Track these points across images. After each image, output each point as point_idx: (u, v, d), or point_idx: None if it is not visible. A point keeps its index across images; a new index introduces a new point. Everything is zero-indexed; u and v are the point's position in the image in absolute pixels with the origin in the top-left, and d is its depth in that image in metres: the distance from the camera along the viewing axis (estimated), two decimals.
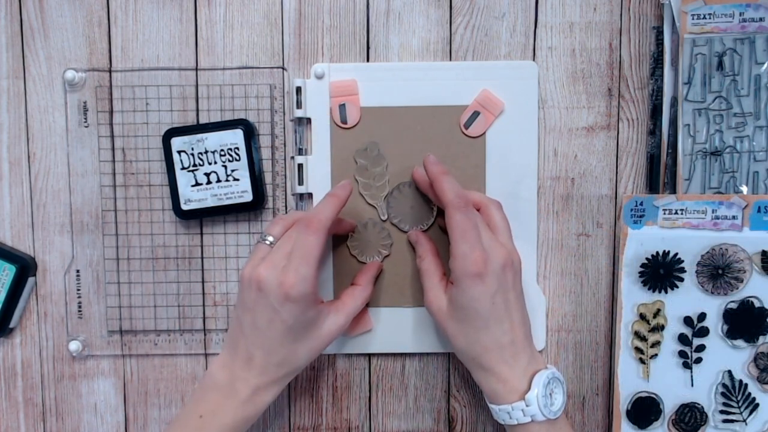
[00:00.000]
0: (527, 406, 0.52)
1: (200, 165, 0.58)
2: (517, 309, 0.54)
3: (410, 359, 0.62)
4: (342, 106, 0.60)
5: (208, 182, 0.59)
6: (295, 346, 0.53)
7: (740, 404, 0.59)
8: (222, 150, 0.58)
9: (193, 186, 0.59)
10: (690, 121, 0.58)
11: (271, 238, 0.54)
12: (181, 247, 0.61)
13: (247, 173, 0.58)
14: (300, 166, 0.60)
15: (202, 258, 0.61)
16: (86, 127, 0.60)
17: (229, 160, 0.58)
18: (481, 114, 0.59)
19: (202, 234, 0.61)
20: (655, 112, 0.60)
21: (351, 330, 0.61)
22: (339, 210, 0.54)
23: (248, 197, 0.59)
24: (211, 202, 0.59)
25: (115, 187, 0.61)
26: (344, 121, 0.60)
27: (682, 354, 0.59)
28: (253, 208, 0.59)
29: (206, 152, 0.58)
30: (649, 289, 0.59)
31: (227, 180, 0.58)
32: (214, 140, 0.58)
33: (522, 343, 0.53)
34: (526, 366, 0.53)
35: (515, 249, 0.55)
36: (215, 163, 0.58)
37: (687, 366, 0.59)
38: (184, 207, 0.59)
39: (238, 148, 0.58)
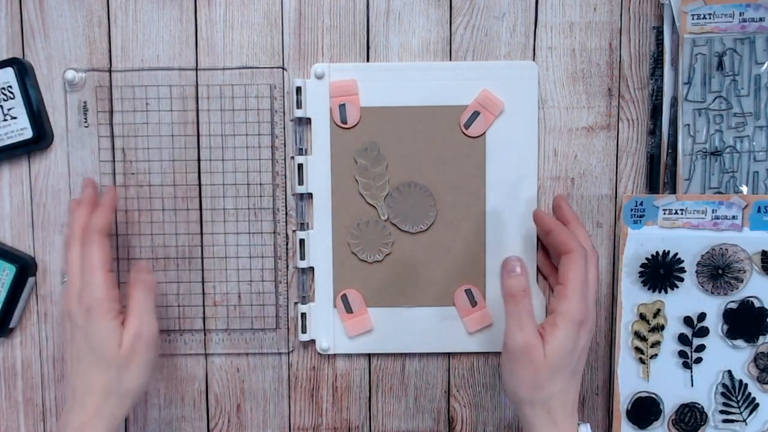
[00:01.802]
0: None
1: None
2: (581, 371, 0.54)
3: (410, 359, 0.62)
4: (342, 106, 0.60)
5: None
6: (109, 370, 0.52)
7: (740, 404, 0.59)
8: None
9: None
10: (690, 121, 0.58)
11: (65, 277, 0.55)
12: (181, 247, 0.61)
13: (24, 110, 0.59)
14: (300, 166, 0.60)
15: (202, 258, 0.61)
16: (86, 127, 0.60)
17: (4, 100, 0.58)
18: (481, 114, 0.59)
19: (202, 234, 0.61)
20: (655, 112, 0.60)
21: (351, 330, 0.61)
22: (110, 217, 0.55)
23: (28, 134, 0.59)
24: None
25: (115, 187, 0.61)
26: (344, 121, 0.60)
27: (682, 354, 0.59)
28: (37, 144, 0.59)
29: None
30: (649, 289, 0.59)
31: (5, 119, 0.58)
32: None
33: (574, 408, 0.53)
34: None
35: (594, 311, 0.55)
36: None
37: (687, 366, 0.59)
38: None
39: (11, 87, 0.58)
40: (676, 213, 0.58)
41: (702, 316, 0.59)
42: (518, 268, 0.54)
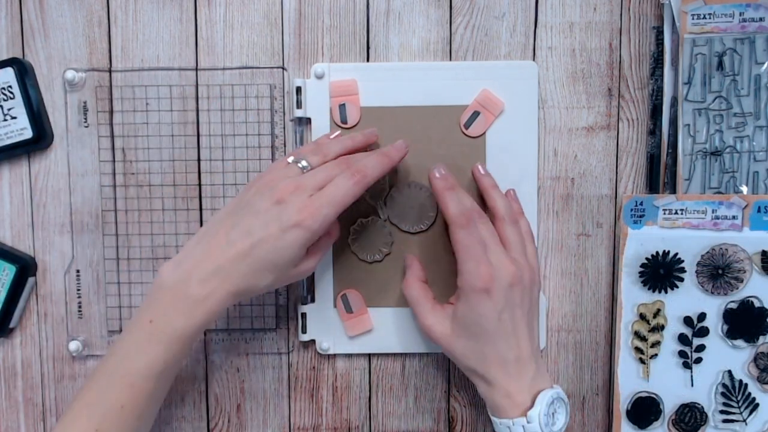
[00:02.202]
0: (528, 422, 0.51)
1: None
2: (525, 326, 0.53)
3: (410, 359, 0.62)
4: (342, 106, 0.60)
5: None
6: (265, 273, 0.51)
7: (740, 404, 0.59)
8: None
9: None
10: (690, 121, 0.58)
11: (305, 163, 0.52)
12: (181, 247, 0.61)
13: (24, 110, 0.58)
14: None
15: None
16: (86, 127, 0.60)
17: (4, 100, 0.58)
18: (481, 114, 0.59)
19: None
20: (655, 112, 0.60)
21: (351, 330, 0.61)
22: (386, 172, 0.53)
23: (28, 134, 0.59)
24: None
25: (115, 187, 0.61)
26: (344, 121, 0.60)
27: (682, 354, 0.59)
28: (37, 144, 0.59)
29: None
30: (649, 289, 0.59)
31: (5, 119, 0.58)
32: None
33: (528, 359, 0.53)
34: (530, 383, 0.53)
35: (529, 264, 0.54)
36: None
37: (687, 366, 0.59)
38: None
39: (11, 87, 0.58)
40: (676, 213, 0.58)
41: (702, 316, 0.59)
42: (406, 262, 0.60)
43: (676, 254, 0.58)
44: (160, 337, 0.50)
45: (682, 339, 0.59)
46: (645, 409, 0.59)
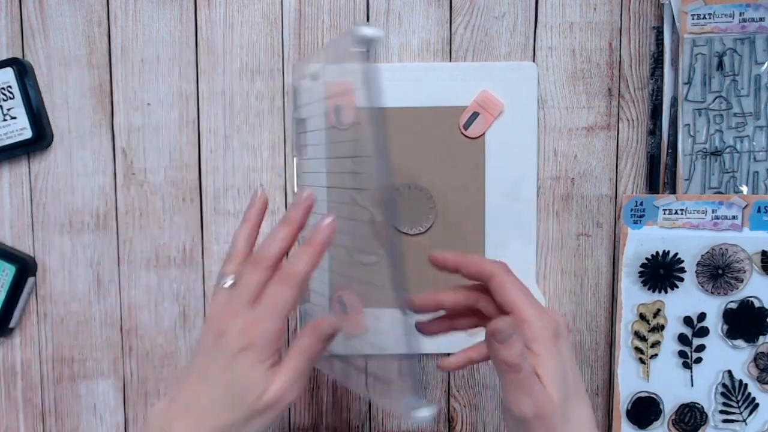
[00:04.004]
0: None
1: None
2: (583, 386, 0.48)
3: (410, 359, 0.62)
4: (337, 108, 0.59)
5: None
6: (235, 410, 0.47)
7: (740, 404, 0.59)
8: None
9: None
10: (690, 121, 0.58)
11: (228, 281, 0.48)
12: (181, 247, 0.61)
13: (24, 110, 0.58)
14: (299, 166, 0.60)
15: (202, 258, 0.61)
16: (87, 127, 0.60)
17: (4, 100, 0.58)
18: (481, 115, 0.59)
19: (202, 234, 0.61)
20: (655, 112, 0.60)
21: (348, 331, 0.61)
22: (318, 262, 0.48)
23: (28, 134, 0.59)
24: None
25: (115, 187, 0.61)
26: (340, 123, 0.60)
27: (682, 354, 0.59)
28: (37, 144, 0.59)
29: None
30: (649, 289, 0.59)
31: (5, 119, 0.58)
32: None
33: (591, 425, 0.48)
34: None
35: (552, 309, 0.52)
36: None
37: (687, 366, 0.59)
38: None
39: (11, 87, 0.58)
40: (676, 213, 0.58)
41: (702, 316, 0.59)
42: (508, 330, 0.45)
43: (676, 254, 0.58)
44: None
45: (682, 339, 0.59)
46: (645, 409, 0.59)
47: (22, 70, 0.59)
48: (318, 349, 0.49)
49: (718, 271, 0.58)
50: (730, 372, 0.59)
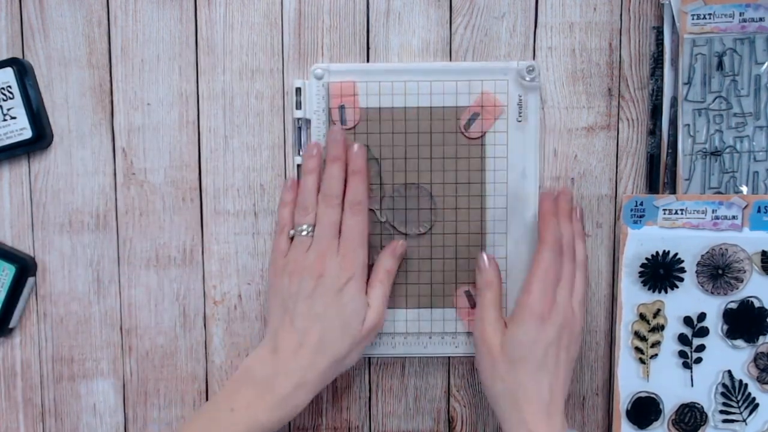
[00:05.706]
0: None
1: None
2: (564, 371, 0.53)
3: (410, 360, 0.62)
4: (341, 108, 0.60)
5: None
6: (344, 338, 0.53)
7: (740, 404, 0.59)
8: None
9: None
10: (690, 121, 0.58)
11: (305, 227, 0.55)
12: (181, 247, 0.61)
13: (24, 110, 0.58)
14: (299, 166, 0.60)
15: (202, 258, 0.61)
16: (87, 126, 0.60)
17: (3, 100, 0.58)
18: (481, 115, 0.59)
19: (202, 234, 0.61)
20: (655, 112, 0.60)
21: None
22: (368, 182, 0.56)
23: (28, 134, 0.59)
24: None
25: (115, 187, 0.61)
26: (343, 123, 0.60)
27: (682, 354, 0.59)
28: (37, 144, 0.59)
29: None
30: (649, 289, 0.59)
31: (5, 119, 0.58)
32: None
33: (559, 408, 0.53)
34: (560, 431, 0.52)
35: (581, 318, 0.55)
36: None
37: (687, 366, 0.59)
38: None
39: (11, 87, 0.58)
40: (676, 213, 0.58)
41: (702, 316, 0.59)
42: (484, 262, 0.57)
43: (676, 254, 0.58)
44: (240, 427, 0.51)
45: (682, 339, 0.59)
46: (645, 409, 0.59)
47: (22, 70, 0.59)
48: (393, 270, 0.57)
49: (718, 271, 0.58)
50: (730, 372, 0.59)
